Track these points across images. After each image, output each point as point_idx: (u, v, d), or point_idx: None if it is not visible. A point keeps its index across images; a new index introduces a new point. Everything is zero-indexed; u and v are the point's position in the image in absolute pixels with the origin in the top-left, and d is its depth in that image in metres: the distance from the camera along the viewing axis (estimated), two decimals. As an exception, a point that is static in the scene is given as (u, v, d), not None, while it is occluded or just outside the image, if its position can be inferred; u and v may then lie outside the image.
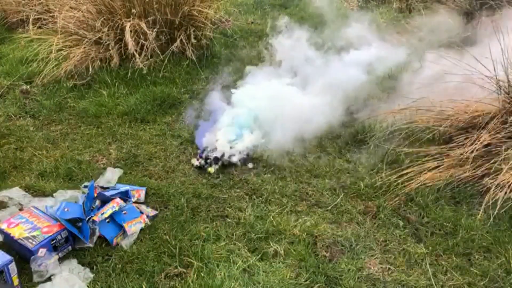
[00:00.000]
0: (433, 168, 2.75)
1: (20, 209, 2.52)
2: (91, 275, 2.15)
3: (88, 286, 2.10)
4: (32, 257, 2.15)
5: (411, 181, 2.68)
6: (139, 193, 2.64)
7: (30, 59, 4.16)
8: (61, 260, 2.23)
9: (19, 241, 2.21)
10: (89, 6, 4.08)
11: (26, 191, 2.69)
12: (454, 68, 2.98)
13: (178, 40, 4.14)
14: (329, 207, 2.60)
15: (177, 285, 2.11)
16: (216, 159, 2.94)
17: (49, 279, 2.12)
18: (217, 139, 3.08)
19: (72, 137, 3.29)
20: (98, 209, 2.41)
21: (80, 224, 2.34)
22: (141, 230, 2.41)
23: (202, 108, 3.58)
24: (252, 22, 5.47)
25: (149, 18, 4.07)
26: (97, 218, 2.34)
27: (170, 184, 2.78)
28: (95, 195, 2.47)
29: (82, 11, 4.07)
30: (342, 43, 4.27)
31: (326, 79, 3.57)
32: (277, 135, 3.13)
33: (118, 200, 2.45)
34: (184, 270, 2.18)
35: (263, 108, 3.26)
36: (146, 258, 2.24)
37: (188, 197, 2.66)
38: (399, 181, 2.70)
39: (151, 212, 2.53)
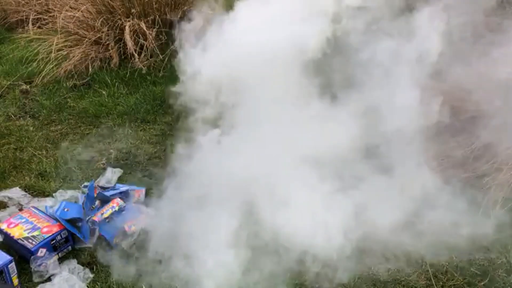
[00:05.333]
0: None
1: (20, 209, 2.52)
2: (91, 275, 2.15)
3: (88, 286, 2.10)
4: (32, 257, 2.15)
5: (411, 181, 2.68)
6: (139, 193, 2.64)
7: (30, 59, 4.15)
8: (61, 260, 2.23)
9: (19, 241, 2.21)
10: (88, 6, 4.07)
11: (26, 191, 2.69)
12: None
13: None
14: (329, 207, 2.59)
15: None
16: None
17: (49, 279, 2.12)
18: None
19: (72, 137, 3.28)
20: (98, 209, 2.41)
21: (80, 224, 2.34)
22: (141, 230, 2.40)
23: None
24: (252, 22, 5.46)
25: (148, 18, 4.07)
26: (97, 218, 2.34)
27: (170, 184, 2.77)
28: (95, 195, 2.47)
29: (81, 11, 4.07)
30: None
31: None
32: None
33: (118, 200, 2.45)
34: (184, 270, 2.18)
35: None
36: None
37: (188, 197, 2.66)
38: (399, 181, 2.69)
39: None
